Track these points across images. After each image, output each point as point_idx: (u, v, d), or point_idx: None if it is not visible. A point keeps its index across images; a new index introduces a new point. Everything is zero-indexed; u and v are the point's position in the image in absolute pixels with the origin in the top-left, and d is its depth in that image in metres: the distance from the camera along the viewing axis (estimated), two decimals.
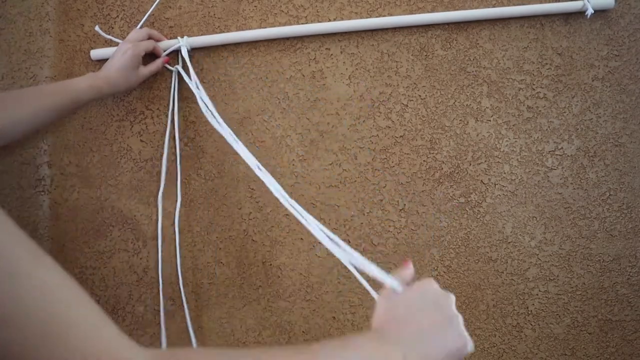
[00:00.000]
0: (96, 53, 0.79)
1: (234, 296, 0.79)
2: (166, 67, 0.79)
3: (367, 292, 0.77)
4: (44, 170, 0.80)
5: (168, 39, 0.79)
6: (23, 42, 0.81)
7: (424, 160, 0.78)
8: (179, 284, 0.79)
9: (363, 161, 0.78)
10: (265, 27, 0.79)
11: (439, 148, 0.78)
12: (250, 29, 0.79)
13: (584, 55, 0.77)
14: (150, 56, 0.78)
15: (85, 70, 0.80)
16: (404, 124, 0.78)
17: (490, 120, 0.78)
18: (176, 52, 0.78)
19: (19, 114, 0.62)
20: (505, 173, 0.77)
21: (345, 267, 0.78)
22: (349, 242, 0.78)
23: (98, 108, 0.81)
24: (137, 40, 0.73)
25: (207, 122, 0.80)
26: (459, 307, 0.76)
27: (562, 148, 0.77)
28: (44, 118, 0.66)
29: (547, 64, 0.77)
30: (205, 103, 0.72)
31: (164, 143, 0.80)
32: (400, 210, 0.78)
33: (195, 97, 0.80)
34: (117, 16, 0.81)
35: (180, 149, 0.79)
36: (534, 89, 0.77)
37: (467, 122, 0.78)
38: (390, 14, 0.78)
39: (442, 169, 0.78)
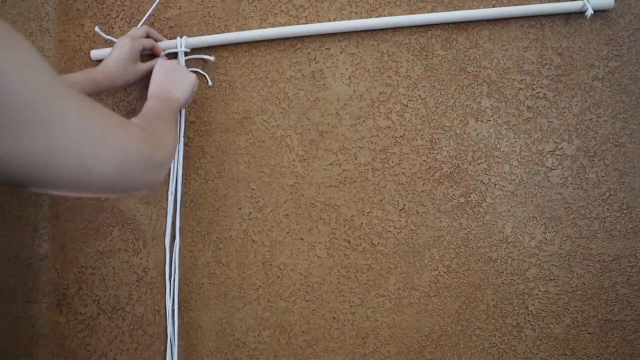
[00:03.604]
0: (96, 53, 0.79)
1: (234, 296, 0.79)
2: None
3: (367, 292, 0.78)
4: None
5: (168, 39, 0.79)
6: None
7: (424, 160, 0.78)
8: (179, 284, 0.79)
9: (363, 161, 0.78)
10: (265, 27, 0.79)
11: (439, 148, 0.78)
12: (250, 29, 0.79)
13: (584, 55, 0.77)
14: (151, 57, 0.78)
15: None
16: (404, 124, 0.78)
17: (490, 120, 0.78)
18: (176, 53, 0.78)
19: None
20: (505, 173, 0.77)
21: (345, 267, 0.78)
22: (349, 242, 0.78)
23: None
24: (135, 37, 0.73)
25: (207, 123, 0.80)
26: (458, 307, 0.76)
27: (562, 148, 0.77)
28: None
29: (547, 64, 0.77)
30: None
31: None
32: (400, 210, 0.78)
33: (194, 97, 0.80)
34: (117, 16, 0.81)
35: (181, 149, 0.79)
36: (534, 89, 0.77)
37: (467, 122, 0.78)
38: (390, 14, 0.78)
39: (442, 169, 0.78)
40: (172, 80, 0.69)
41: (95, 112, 0.39)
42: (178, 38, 0.77)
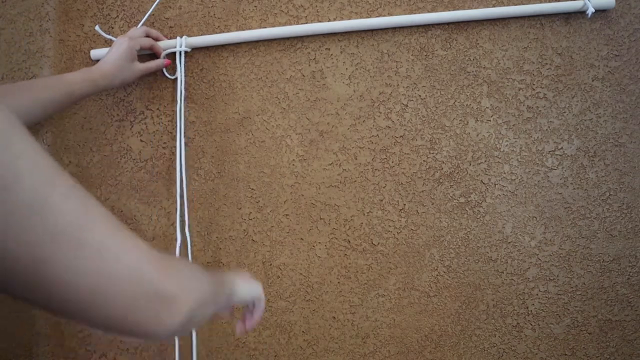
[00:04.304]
0: (96, 53, 0.79)
1: None
2: (164, 73, 0.79)
3: (367, 292, 0.78)
4: None
5: (168, 39, 0.79)
6: (23, 42, 0.81)
7: (424, 160, 0.78)
8: None
9: (363, 161, 0.78)
10: (265, 27, 0.79)
11: (439, 148, 0.78)
12: (250, 29, 0.79)
13: (584, 55, 0.77)
14: (152, 57, 0.78)
15: None
16: (404, 124, 0.78)
17: (490, 120, 0.78)
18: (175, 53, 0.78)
19: (12, 108, 0.62)
20: (505, 173, 0.77)
21: (345, 267, 0.78)
22: (349, 242, 0.78)
23: (98, 108, 0.81)
24: (134, 36, 0.73)
25: (207, 123, 0.80)
26: (458, 307, 0.76)
27: (562, 148, 0.77)
28: (38, 112, 0.64)
29: (547, 64, 0.77)
30: (180, 115, 0.78)
31: (164, 143, 0.80)
32: (400, 210, 0.78)
33: (194, 97, 0.80)
34: (117, 16, 0.81)
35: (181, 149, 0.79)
36: (534, 89, 0.77)
37: (467, 122, 0.78)
38: (390, 14, 0.78)
39: (442, 169, 0.78)
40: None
41: (97, 213, 0.33)
42: (178, 38, 0.77)
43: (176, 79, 0.78)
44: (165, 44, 0.78)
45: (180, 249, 0.79)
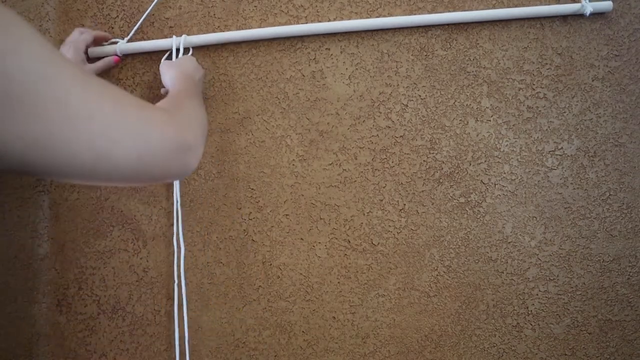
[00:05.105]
0: (94, 51, 0.79)
1: (234, 296, 0.79)
2: None
3: (367, 292, 0.78)
4: None
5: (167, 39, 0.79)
6: None
7: (424, 160, 0.78)
8: (178, 284, 0.79)
9: (363, 161, 0.78)
10: (265, 27, 0.79)
11: (439, 148, 0.78)
12: (250, 29, 0.79)
13: (584, 55, 0.77)
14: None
15: None
16: (404, 124, 0.78)
17: (490, 120, 0.78)
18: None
19: None
20: (505, 173, 0.77)
21: (345, 267, 0.78)
22: (349, 242, 0.78)
23: None
24: (75, 39, 0.73)
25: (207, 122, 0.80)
26: (458, 307, 0.76)
27: (562, 148, 0.77)
28: None
29: (547, 64, 0.77)
30: None
31: None
32: (400, 210, 0.78)
33: None
34: (117, 16, 0.81)
35: None
36: (534, 89, 0.77)
37: (467, 122, 0.78)
38: (390, 14, 0.78)
39: (442, 169, 0.78)
40: (192, 67, 0.72)
41: (105, 91, 0.36)
42: (174, 37, 0.77)
43: None
44: (163, 43, 0.78)
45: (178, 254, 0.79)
